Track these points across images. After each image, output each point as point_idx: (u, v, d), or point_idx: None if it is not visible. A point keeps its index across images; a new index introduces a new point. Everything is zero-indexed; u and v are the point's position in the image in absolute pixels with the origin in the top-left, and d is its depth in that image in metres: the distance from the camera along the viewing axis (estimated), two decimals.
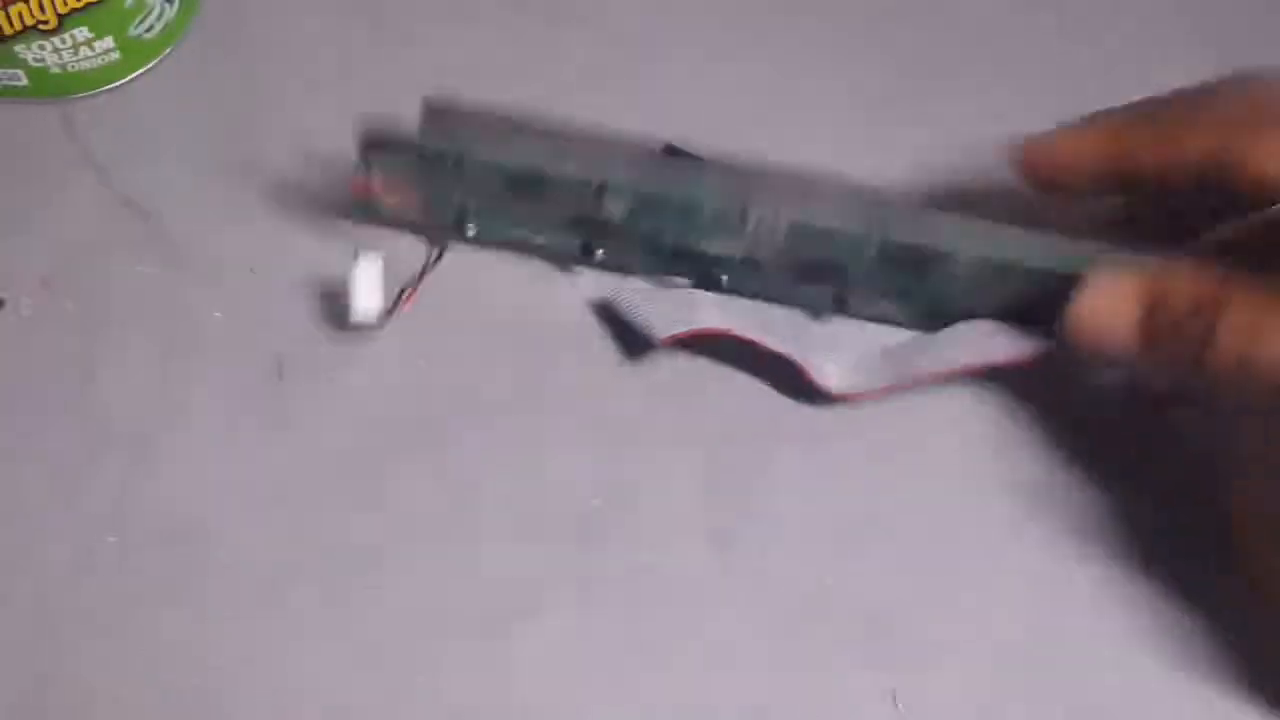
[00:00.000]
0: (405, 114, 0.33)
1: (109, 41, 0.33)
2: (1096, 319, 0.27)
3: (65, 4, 0.31)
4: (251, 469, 0.30)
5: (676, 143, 0.31)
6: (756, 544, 0.30)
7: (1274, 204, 0.26)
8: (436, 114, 0.30)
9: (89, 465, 0.30)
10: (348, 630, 0.29)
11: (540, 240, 0.31)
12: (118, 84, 0.34)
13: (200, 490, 0.30)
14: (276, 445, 0.30)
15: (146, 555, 0.29)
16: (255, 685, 0.28)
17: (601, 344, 0.31)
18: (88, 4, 0.31)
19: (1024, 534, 0.30)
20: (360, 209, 0.31)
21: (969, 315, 0.30)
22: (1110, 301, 0.27)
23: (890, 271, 0.29)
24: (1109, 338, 0.27)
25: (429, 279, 0.31)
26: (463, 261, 0.32)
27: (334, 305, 0.31)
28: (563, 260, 0.32)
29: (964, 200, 0.32)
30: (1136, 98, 0.29)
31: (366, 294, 0.30)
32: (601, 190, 0.30)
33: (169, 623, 0.29)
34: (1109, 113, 0.28)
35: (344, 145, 0.33)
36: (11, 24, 0.31)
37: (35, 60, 0.32)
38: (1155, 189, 0.28)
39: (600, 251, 0.31)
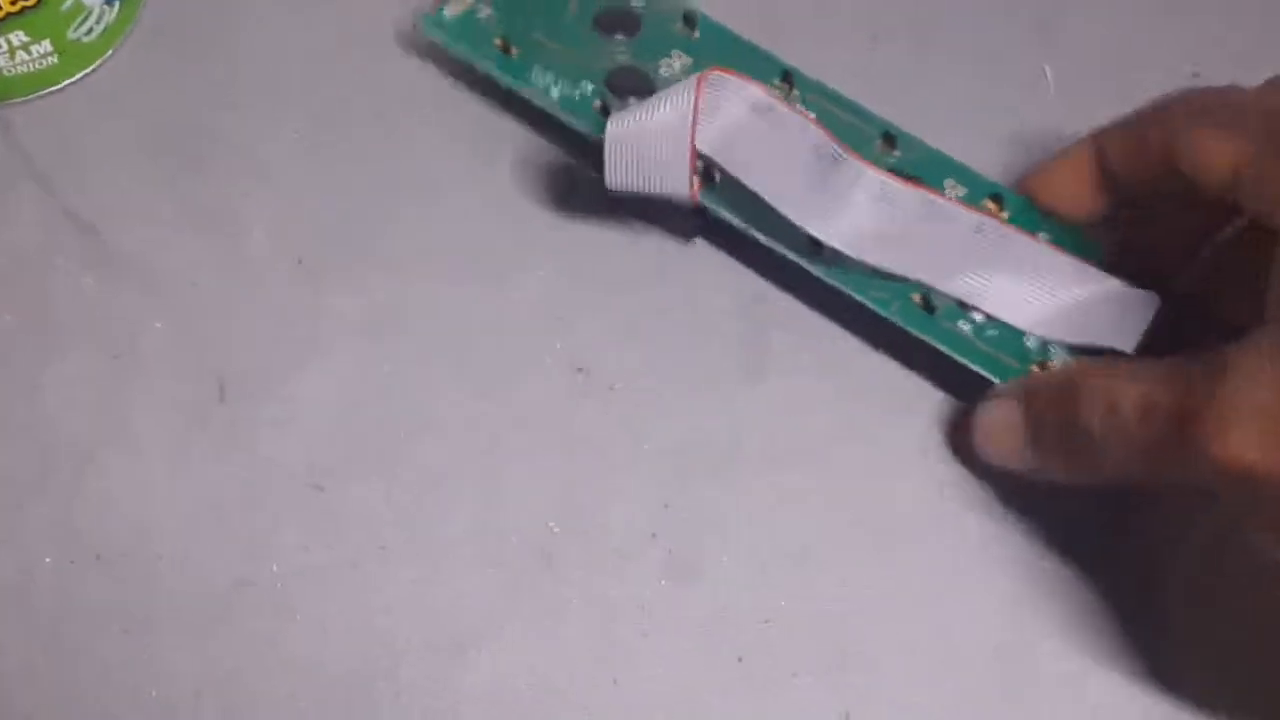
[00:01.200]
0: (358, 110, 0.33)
1: (46, 45, 0.32)
2: (991, 433, 0.29)
3: (1, 9, 0.30)
4: (196, 486, 0.30)
5: None
6: (713, 568, 0.29)
7: (1216, 192, 0.26)
8: None
9: (29, 483, 0.30)
10: (296, 654, 0.28)
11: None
12: (57, 88, 0.33)
13: (143, 508, 0.29)
14: (221, 462, 0.30)
15: (87, 576, 0.29)
16: (201, 705, 0.28)
17: (556, 362, 0.31)
18: (24, 7, 0.31)
19: (986, 556, 0.29)
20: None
21: None
22: (1000, 411, 0.28)
23: None
24: (1004, 449, 0.28)
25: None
26: (420, 274, 0.31)
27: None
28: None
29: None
30: None
31: None
32: None
33: (110, 646, 0.28)
34: (1093, 132, 0.30)
35: (291, 152, 0.32)
36: None
37: None
38: (1133, 196, 0.29)
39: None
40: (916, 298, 0.29)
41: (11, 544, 0.29)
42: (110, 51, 0.33)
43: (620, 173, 0.29)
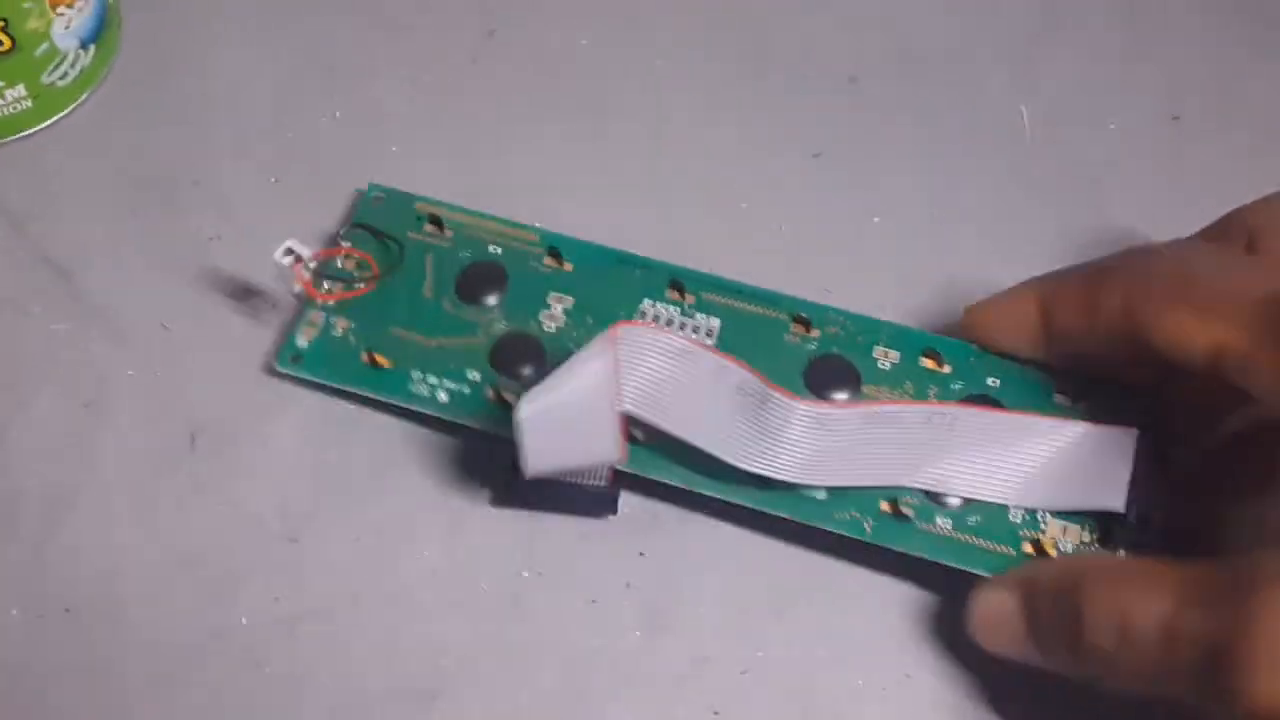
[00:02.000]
0: (331, 160, 0.32)
1: (20, 89, 0.32)
2: (987, 623, 0.27)
3: None
4: (166, 536, 0.29)
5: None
6: (689, 618, 0.29)
7: (1195, 369, 0.26)
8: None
9: None
10: (268, 705, 0.28)
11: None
12: (30, 132, 0.32)
13: (112, 558, 0.29)
14: (192, 511, 0.29)
15: (54, 628, 0.28)
16: None
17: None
18: None
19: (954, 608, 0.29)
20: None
21: None
22: (996, 602, 0.27)
23: None
24: (1003, 641, 0.27)
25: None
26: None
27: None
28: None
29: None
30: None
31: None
32: None
33: (77, 698, 0.28)
34: (1037, 278, 0.29)
35: (266, 197, 0.32)
36: None
37: None
38: (1082, 351, 0.28)
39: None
40: (885, 505, 0.28)
41: None
42: (84, 96, 0.33)
43: (540, 455, 0.26)
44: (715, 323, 0.30)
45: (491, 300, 0.30)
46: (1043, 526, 0.28)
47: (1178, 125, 0.34)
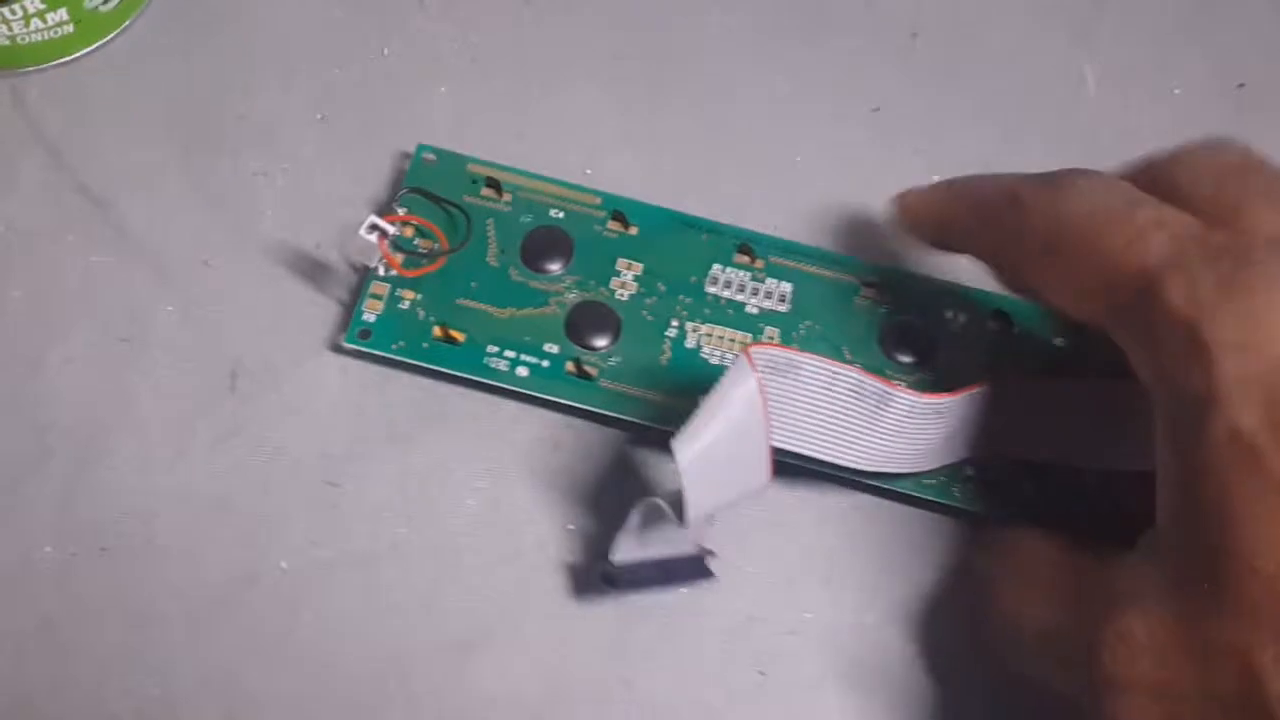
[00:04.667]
0: (379, 98, 0.32)
1: (63, 13, 0.31)
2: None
3: None
4: (204, 477, 0.29)
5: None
6: (737, 576, 0.28)
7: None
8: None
9: (30, 468, 0.29)
10: (304, 652, 0.28)
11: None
12: (71, 58, 0.32)
13: (148, 498, 0.28)
14: (229, 451, 0.29)
15: (89, 568, 0.28)
16: (203, 704, 0.27)
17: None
18: None
19: None
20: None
21: None
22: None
23: None
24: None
25: None
26: None
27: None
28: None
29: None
30: None
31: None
32: None
33: (111, 641, 0.27)
34: (950, 182, 0.29)
35: (312, 135, 0.31)
36: None
37: None
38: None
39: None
40: (970, 472, 0.29)
41: (9, 530, 0.28)
42: (127, 22, 0.32)
43: (700, 500, 0.25)
44: (787, 287, 0.30)
45: (559, 267, 0.30)
46: None
47: (1242, 93, 0.33)
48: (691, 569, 0.27)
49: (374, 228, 0.28)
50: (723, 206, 0.31)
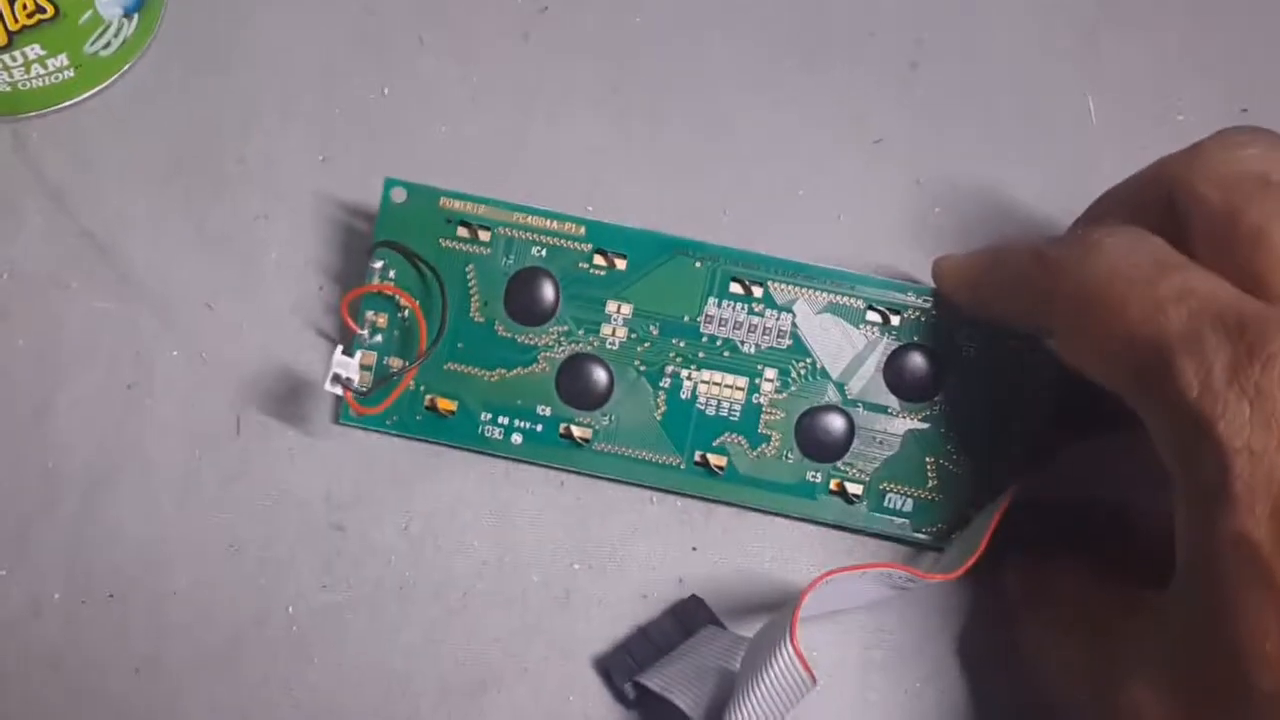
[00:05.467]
0: (380, 139, 0.32)
1: (63, 59, 0.31)
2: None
3: (16, 20, 0.29)
4: (211, 521, 0.29)
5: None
6: (737, 614, 0.28)
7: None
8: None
9: (38, 513, 0.29)
10: (312, 696, 0.28)
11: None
12: (72, 103, 0.32)
13: (156, 543, 0.29)
14: (237, 496, 0.29)
15: (97, 613, 0.28)
16: None
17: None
18: (40, 20, 0.30)
19: None
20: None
21: None
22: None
23: None
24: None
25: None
26: None
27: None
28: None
29: None
30: None
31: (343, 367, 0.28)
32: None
33: (120, 685, 0.27)
34: (983, 249, 0.28)
35: (313, 175, 0.31)
36: None
37: None
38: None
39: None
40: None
41: (19, 577, 0.28)
42: (127, 67, 0.32)
43: None
44: (786, 321, 0.29)
45: (546, 317, 0.29)
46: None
47: (1246, 118, 0.33)
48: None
49: (336, 379, 0.27)
50: (724, 239, 0.31)
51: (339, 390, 0.28)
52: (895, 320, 0.29)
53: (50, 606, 0.28)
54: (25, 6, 0.29)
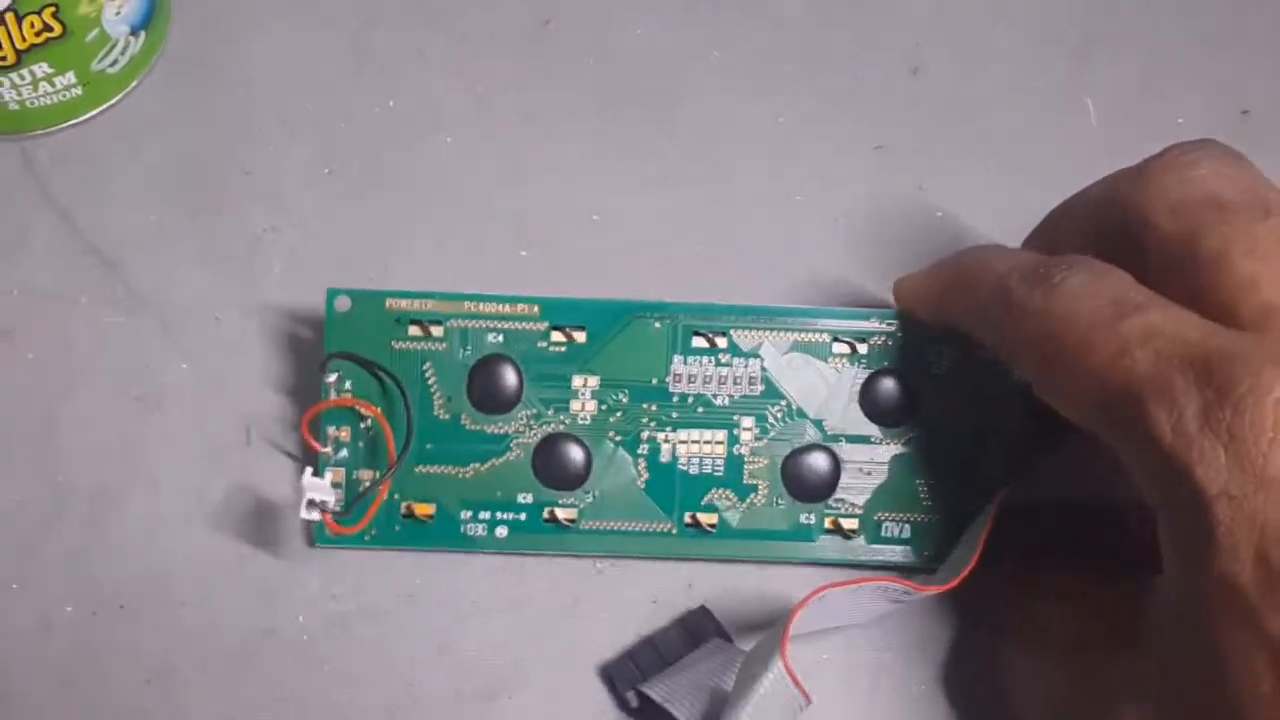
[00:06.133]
0: (384, 160, 0.32)
1: (70, 77, 0.31)
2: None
3: (24, 39, 0.30)
4: (220, 532, 0.29)
5: None
6: (748, 621, 0.28)
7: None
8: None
9: (47, 526, 0.29)
10: (323, 705, 0.28)
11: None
12: (80, 120, 0.32)
13: (166, 554, 0.29)
14: (246, 506, 0.29)
15: (108, 625, 0.28)
16: None
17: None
18: (48, 39, 0.30)
19: None
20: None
21: None
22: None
23: None
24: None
25: None
26: None
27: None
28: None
29: None
30: None
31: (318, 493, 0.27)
32: None
33: (132, 697, 0.27)
34: (941, 266, 0.28)
35: (319, 189, 0.32)
36: None
37: None
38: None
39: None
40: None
41: (29, 591, 0.28)
42: (134, 83, 0.32)
43: None
44: (755, 367, 0.29)
45: (513, 403, 0.28)
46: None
47: (1247, 119, 0.33)
48: None
49: (312, 504, 0.27)
50: (726, 247, 0.31)
51: (315, 516, 0.27)
52: (862, 349, 0.29)
53: (61, 620, 0.28)
54: (33, 25, 0.29)
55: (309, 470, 0.27)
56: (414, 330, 0.29)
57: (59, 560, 0.29)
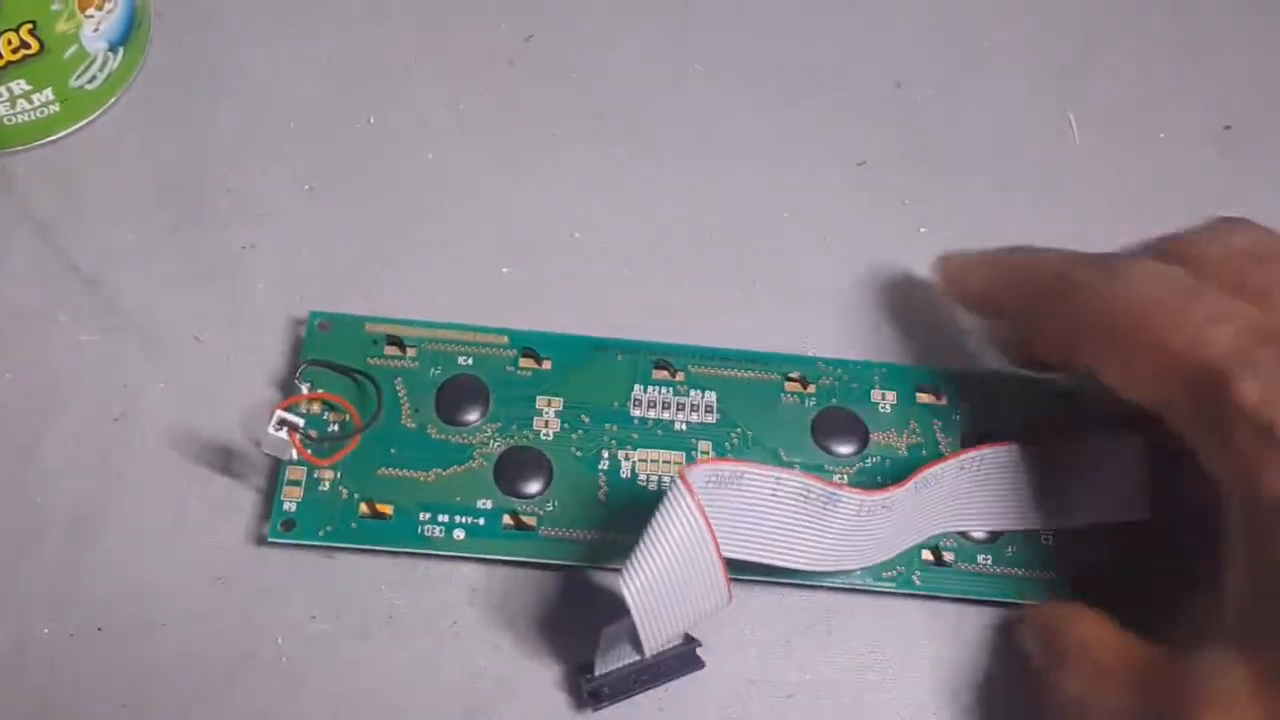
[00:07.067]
0: (365, 176, 0.32)
1: (48, 93, 0.31)
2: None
3: (1, 57, 0.29)
4: (198, 553, 0.29)
5: None
6: (732, 643, 0.28)
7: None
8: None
9: (25, 547, 0.28)
10: None
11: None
12: (58, 136, 0.32)
13: (144, 576, 0.28)
14: (224, 527, 0.29)
15: (86, 648, 0.28)
16: None
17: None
18: (25, 56, 0.30)
19: None
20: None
21: None
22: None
23: None
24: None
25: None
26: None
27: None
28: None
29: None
30: None
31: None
32: None
33: (108, 718, 0.27)
34: (1019, 255, 0.28)
35: (300, 205, 0.31)
36: None
37: None
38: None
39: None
40: (928, 555, 0.28)
41: (6, 612, 0.28)
42: (112, 100, 0.32)
43: (656, 631, 0.25)
44: (712, 396, 0.29)
45: (477, 417, 0.29)
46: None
47: (1229, 134, 0.33)
48: (680, 663, 0.27)
49: (283, 423, 0.27)
50: (709, 263, 0.31)
51: (284, 434, 0.27)
52: (810, 389, 0.30)
53: (37, 642, 0.28)
54: (10, 42, 0.29)
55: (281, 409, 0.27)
56: (390, 349, 0.29)
57: (36, 582, 0.28)
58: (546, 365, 0.29)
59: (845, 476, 0.29)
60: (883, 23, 0.34)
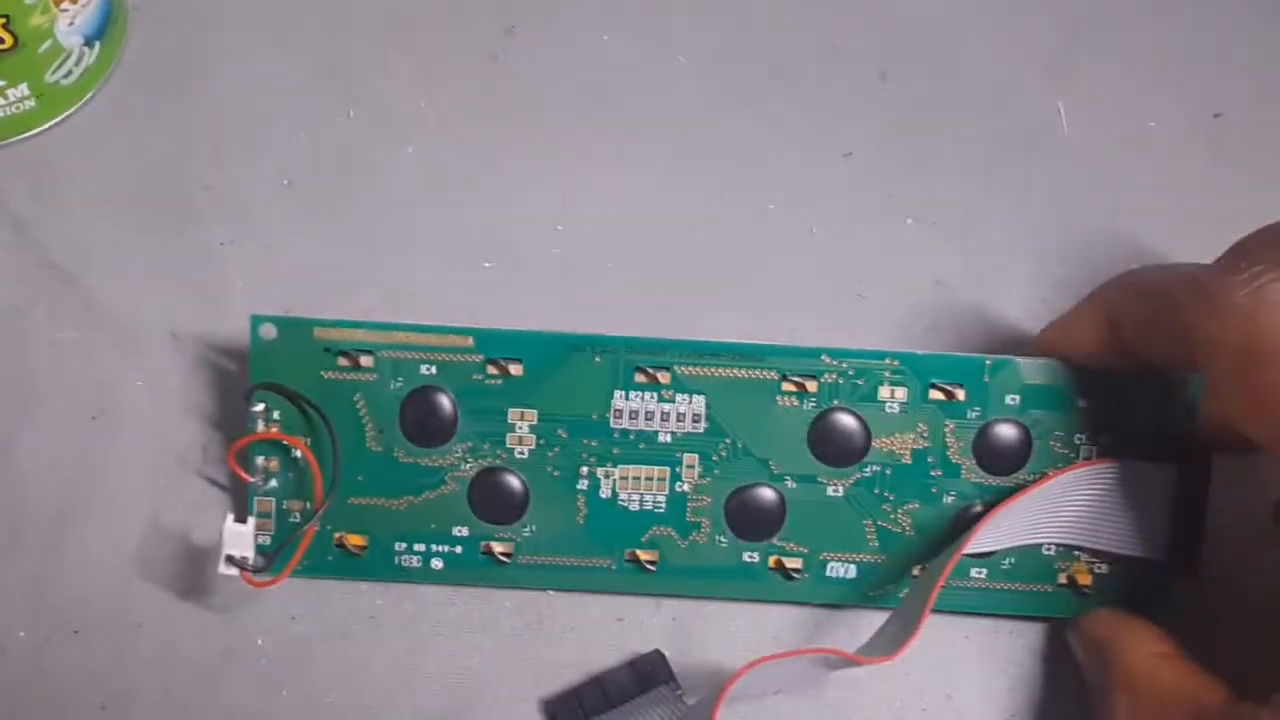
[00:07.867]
0: (345, 171, 0.31)
1: (23, 89, 0.30)
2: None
3: None
4: (177, 553, 0.28)
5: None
6: (713, 637, 0.28)
7: None
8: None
9: (1, 548, 0.28)
10: None
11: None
12: (34, 133, 0.31)
13: (122, 576, 0.28)
14: (202, 528, 0.29)
15: (63, 650, 0.27)
16: None
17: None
18: (0, 50, 0.29)
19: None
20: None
21: None
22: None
23: None
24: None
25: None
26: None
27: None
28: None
29: None
30: None
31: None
32: None
33: None
34: (1102, 291, 0.27)
35: (279, 201, 0.31)
36: None
37: None
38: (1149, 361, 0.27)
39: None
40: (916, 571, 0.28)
41: None
42: (89, 95, 0.32)
43: None
44: (700, 403, 0.27)
45: (447, 436, 0.27)
46: (1077, 555, 0.28)
47: (1219, 123, 0.33)
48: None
49: (230, 560, 0.26)
50: (693, 256, 0.31)
51: (234, 572, 0.26)
52: (811, 387, 0.28)
53: (15, 644, 0.28)
54: None
55: (230, 517, 0.27)
56: (343, 361, 0.27)
57: (12, 584, 0.28)
58: (516, 370, 0.27)
59: (842, 488, 0.28)
60: (869, 12, 0.33)
